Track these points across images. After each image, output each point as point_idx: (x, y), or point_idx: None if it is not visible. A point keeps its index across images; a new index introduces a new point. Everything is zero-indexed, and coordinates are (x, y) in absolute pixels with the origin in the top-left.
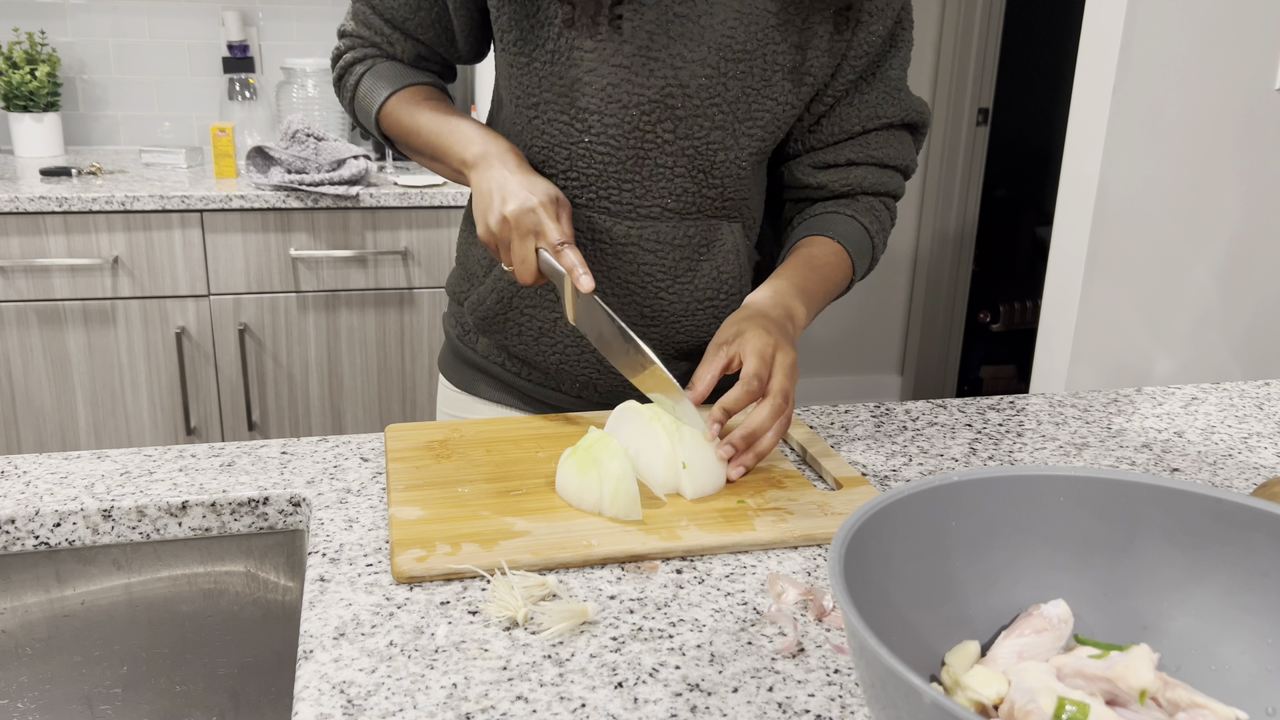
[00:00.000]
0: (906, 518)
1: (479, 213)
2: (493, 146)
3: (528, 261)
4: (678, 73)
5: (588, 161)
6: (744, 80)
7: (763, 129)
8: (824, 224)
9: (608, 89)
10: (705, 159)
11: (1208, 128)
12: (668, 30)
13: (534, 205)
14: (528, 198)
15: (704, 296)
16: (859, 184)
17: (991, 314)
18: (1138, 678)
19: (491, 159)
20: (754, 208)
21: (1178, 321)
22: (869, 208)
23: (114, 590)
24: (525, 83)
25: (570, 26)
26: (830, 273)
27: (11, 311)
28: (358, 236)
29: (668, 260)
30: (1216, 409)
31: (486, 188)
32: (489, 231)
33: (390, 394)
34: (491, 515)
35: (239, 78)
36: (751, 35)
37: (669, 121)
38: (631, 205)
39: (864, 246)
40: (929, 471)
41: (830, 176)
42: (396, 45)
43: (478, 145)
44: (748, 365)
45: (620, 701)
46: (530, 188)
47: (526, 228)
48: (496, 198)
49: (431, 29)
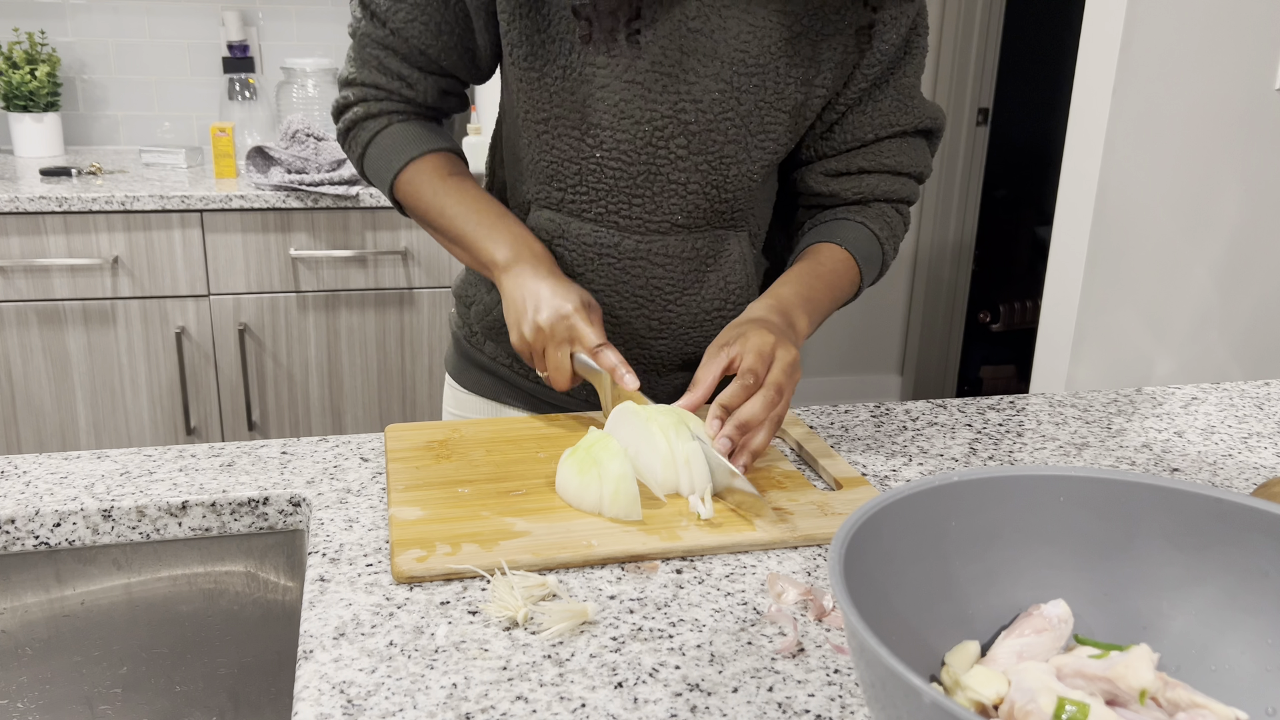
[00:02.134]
0: (906, 518)
1: (512, 321)
2: (525, 251)
3: (562, 368)
4: (691, 88)
5: (598, 176)
6: (757, 94)
7: (775, 141)
8: (832, 230)
9: (620, 105)
10: (718, 173)
11: (1208, 128)
12: (682, 46)
13: (568, 312)
14: (561, 305)
15: (711, 307)
16: (871, 191)
17: (991, 314)
18: (1138, 678)
19: (524, 265)
20: (760, 215)
21: (1178, 321)
22: (880, 214)
23: (114, 590)
24: (535, 97)
25: (588, 43)
26: (836, 280)
27: (11, 311)
28: (358, 236)
29: (675, 273)
30: (1216, 409)
31: (519, 296)
32: (523, 339)
33: (390, 394)
34: (491, 515)
35: (239, 78)
36: (765, 49)
37: (682, 137)
38: (641, 220)
39: (873, 253)
40: (929, 471)
41: (842, 184)
42: (417, 86)
43: (508, 249)
44: (746, 361)
45: (620, 701)
46: (565, 295)
47: (561, 336)
48: (530, 305)
49: (455, 52)
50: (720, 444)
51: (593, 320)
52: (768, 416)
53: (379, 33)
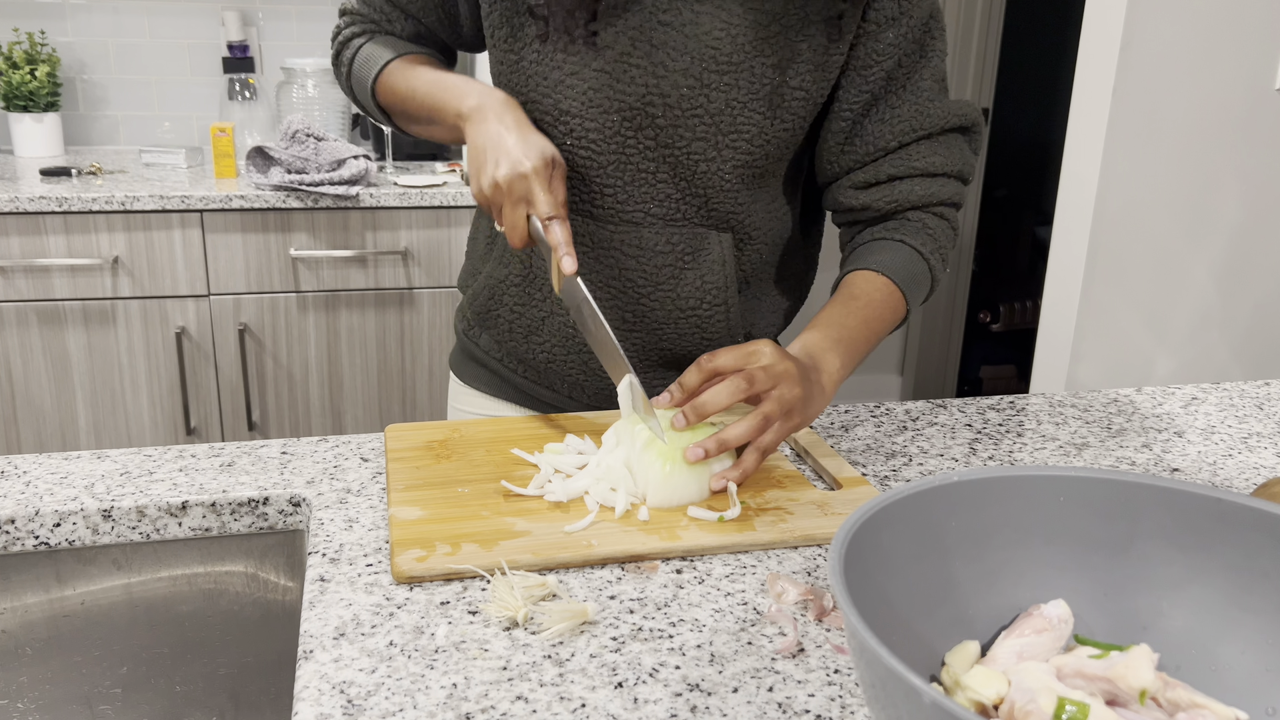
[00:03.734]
0: (906, 518)
1: (473, 171)
2: (490, 98)
3: (517, 228)
4: (659, 81)
5: (570, 164)
6: (727, 93)
7: (748, 143)
8: (869, 255)
9: (589, 93)
10: (687, 168)
11: (1208, 128)
12: (650, 38)
13: (526, 171)
14: (520, 160)
15: (687, 305)
16: (905, 199)
17: (991, 314)
18: (1138, 678)
19: (487, 111)
20: (753, 223)
21: (1178, 321)
22: (920, 227)
23: (114, 590)
24: (513, 80)
25: (544, 42)
26: (872, 312)
27: (11, 311)
28: (358, 236)
29: (649, 266)
30: (1216, 409)
31: (481, 144)
32: (481, 193)
33: (390, 394)
34: (491, 515)
35: (239, 78)
36: (738, 48)
37: (650, 129)
38: (615, 210)
39: (915, 272)
40: (929, 471)
41: (873, 196)
42: (396, 23)
43: (474, 97)
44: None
45: (620, 701)
46: (525, 149)
47: (518, 194)
48: (490, 158)
49: (434, 12)
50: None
51: (553, 182)
52: (730, 405)
53: None
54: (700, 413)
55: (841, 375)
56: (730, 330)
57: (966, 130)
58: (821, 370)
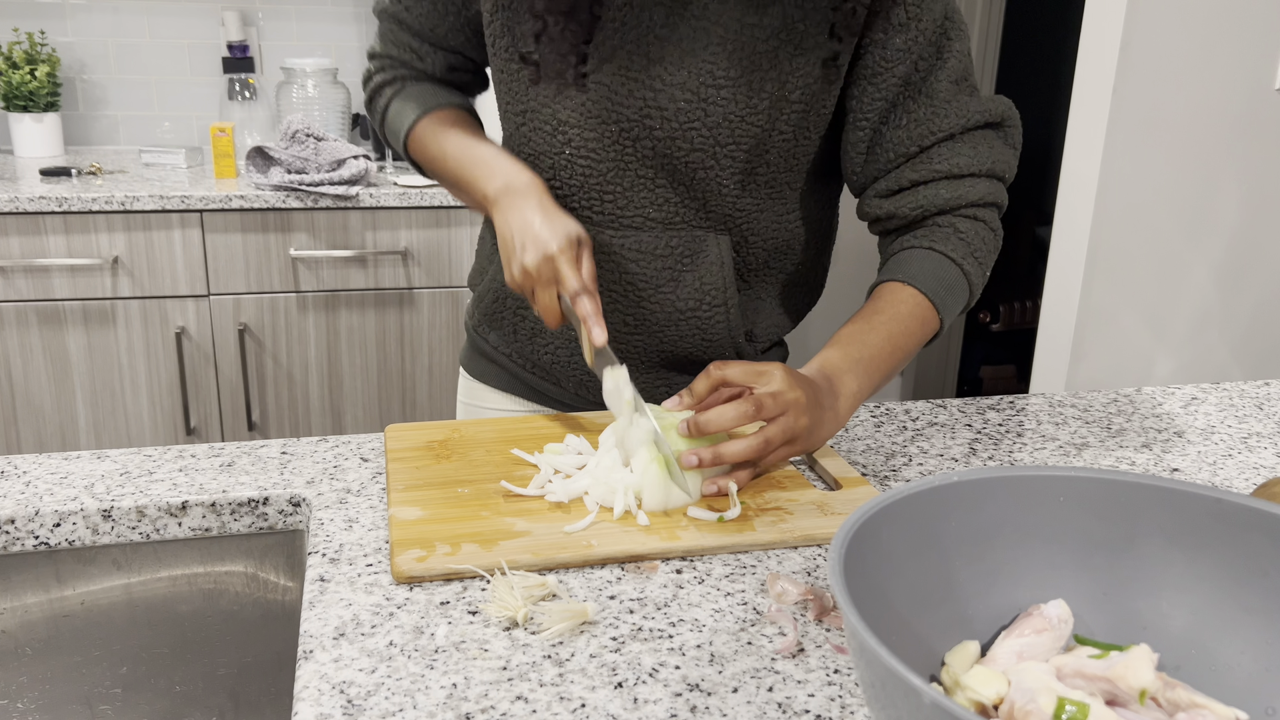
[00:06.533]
0: (906, 518)
1: (504, 259)
2: (515, 180)
3: (550, 310)
4: (657, 95)
5: (570, 172)
6: (725, 107)
7: (747, 153)
8: (896, 267)
9: (587, 105)
10: (685, 175)
11: (1208, 128)
12: (647, 53)
13: (553, 253)
14: (546, 244)
15: (686, 307)
16: (931, 203)
17: (991, 314)
18: (1138, 678)
19: (514, 197)
20: (752, 225)
21: (1178, 321)
22: (951, 231)
23: (114, 590)
24: (514, 89)
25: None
26: (900, 326)
27: (11, 311)
28: (357, 236)
29: (649, 269)
30: (1216, 409)
31: (508, 234)
32: (513, 280)
33: (390, 394)
34: (491, 515)
35: (239, 78)
36: (735, 63)
37: (648, 140)
38: (614, 215)
39: (948, 279)
40: (929, 471)
41: (898, 203)
42: (426, 59)
43: (499, 178)
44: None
45: (620, 701)
46: (551, 232)
47: (546, 277)
48: (518, 244)
49: (460, 33)
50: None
51: (581, 259)
52: (733, 429)
53: (394, 8)
54: (702, 430)
55: (860, 398)
56: (731, 331)
57: (997, 125)
58: (839, 394)
